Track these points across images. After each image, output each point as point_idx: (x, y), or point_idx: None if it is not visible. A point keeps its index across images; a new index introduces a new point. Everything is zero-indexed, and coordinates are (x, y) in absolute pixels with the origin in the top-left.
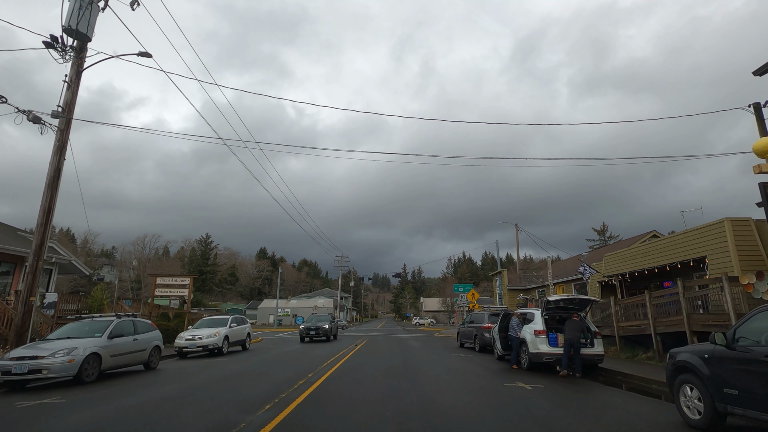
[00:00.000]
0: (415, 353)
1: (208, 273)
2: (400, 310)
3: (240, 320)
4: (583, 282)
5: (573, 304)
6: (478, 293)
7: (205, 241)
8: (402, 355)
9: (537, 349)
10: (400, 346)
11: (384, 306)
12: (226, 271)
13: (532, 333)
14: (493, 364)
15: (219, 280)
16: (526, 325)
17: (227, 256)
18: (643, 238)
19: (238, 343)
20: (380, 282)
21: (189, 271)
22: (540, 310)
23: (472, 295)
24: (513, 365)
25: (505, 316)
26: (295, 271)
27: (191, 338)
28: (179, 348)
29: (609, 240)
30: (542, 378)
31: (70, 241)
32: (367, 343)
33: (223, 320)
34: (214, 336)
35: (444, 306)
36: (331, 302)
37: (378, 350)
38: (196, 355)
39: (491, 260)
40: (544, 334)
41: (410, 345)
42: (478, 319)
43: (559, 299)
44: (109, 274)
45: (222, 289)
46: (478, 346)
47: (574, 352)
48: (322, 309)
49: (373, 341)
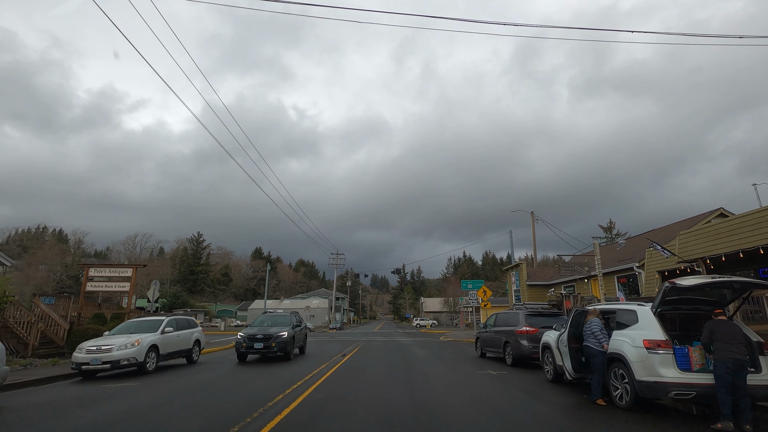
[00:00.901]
0: (426, 370)
1: (200, 273)
2: (399, 311)
3: (184, 323)
4: (634, 274)
5: (724, 290)
6: (490, 290)
7: (196, 239)
8: (407, 375)
9: (655, 376)
10: (403, 358)
11: (382, 307)
12: (219, 271)
13: (640, 345)
14: (553, 392)
15: (211, 280)
16: (620, 331)
17: (221, 256)
18: (706, 218)
19: (180, 354)
20: (379, 283)
21: (180, 272)
22: (653, 304)
23: (484, 293)
24: (597, 399)
25: (578, 314)
26: (291, 271)
27: (96, 349)
28: (77, 364)
29: (616, 237)
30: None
31: (59, 241)
32: (359, 352)
33: (155, 323)
34: (130, 346)
35: (446, 306)
36: (326, 303)
37: (372, 365)
38: (107, 375)
39: (492, 260)
40: (668, 347)
41: (415, 355)
42: (509, 321)
43: (703, 283)
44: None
45: (214, 290)
46: (510, 359)
47: (737, 384)
48: (317, 310)
49: (367, 348)
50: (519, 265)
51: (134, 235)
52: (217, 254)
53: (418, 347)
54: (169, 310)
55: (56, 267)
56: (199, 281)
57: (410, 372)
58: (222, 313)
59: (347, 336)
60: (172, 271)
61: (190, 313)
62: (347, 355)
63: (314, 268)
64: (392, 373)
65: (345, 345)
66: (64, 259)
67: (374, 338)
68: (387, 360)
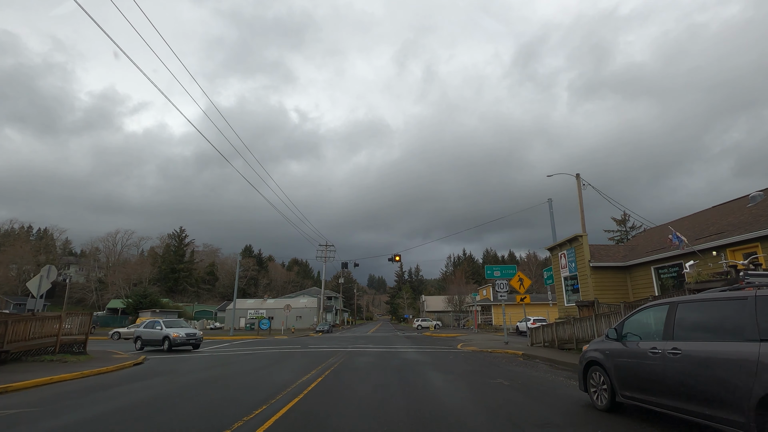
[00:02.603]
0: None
1: (182, 271)
2: (397, 312)
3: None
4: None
5: None
6: (528, 279)
7: (178, 235)
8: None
9: None
10: (420, 420)
11: (380, 308)
12: (205, 269)
13: None
14: None
15: (195, 279)
16: None
17: (207, 254)
18: None
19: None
20: (376, 283)
21: (160, 270)
22: None
23: (520, 282)
24: None
25: None
26: (284, 270)
27: None
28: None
29: (631, 231)
30: None
31: (38, 239)
32: (318, 390)
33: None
34: None
35: (450, 305)
36: (316, 302)
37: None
38: None
39: (493, 258)
40: None
41: (446, 404)
42: (720, 320)
43: None
44: (77, 274)
45: (197, 289)
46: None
47: None
48: (304, 310)
49: (342, 375)
50: (578, 238)
51: (115, 232)
52: (203, 252)
53: (436, 370)
54: (134, 312)
55: (27, 266)
56: (180, 280)
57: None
58: (201, 314)
59: (331, 342)
60: (151, 269)
61: (158, 315)
62: (289, 405)
63: (308, 267)
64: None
65: (310, 364)
66: (36, 258)
67: (365, 347)
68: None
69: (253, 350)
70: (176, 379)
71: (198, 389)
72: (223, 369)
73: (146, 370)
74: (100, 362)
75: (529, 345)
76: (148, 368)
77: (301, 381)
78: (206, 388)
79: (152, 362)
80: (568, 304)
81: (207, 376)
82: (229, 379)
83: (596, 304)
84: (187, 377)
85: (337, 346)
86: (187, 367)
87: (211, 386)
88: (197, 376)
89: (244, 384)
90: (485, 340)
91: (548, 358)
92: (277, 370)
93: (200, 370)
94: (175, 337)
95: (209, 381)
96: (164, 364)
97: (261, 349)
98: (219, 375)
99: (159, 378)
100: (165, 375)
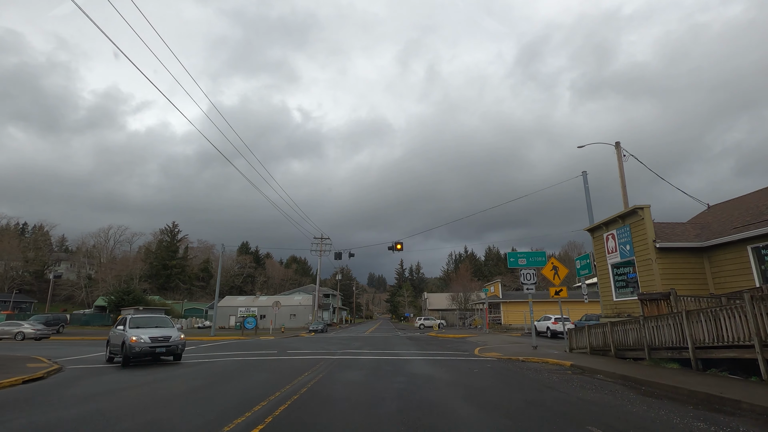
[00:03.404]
0: None
1: (174, 268)
2: (398, 310)
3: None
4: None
5: None
6: (564, 267)
7: (170, 230)
8: None
9: None
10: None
11: (380, 306)
12: (199, 266)
13: None
14: None
15: (188, 276)
16: None
17: (202, 250)
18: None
19: None
20: (376, 282)
21: (152, 266)
22: None
23: (554, 272)
24: None
25: None
26: (282, 268)
27: None
28: None
29: None
30: None
31: (21, 233)
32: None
33: None
34: None
35: (455, 303)
36: (311, 299)
37: None
38: None
39: (495, 255)
40: None
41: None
42: None
43: None
44: (68, 271)
45: (190, 287)
46: None
47: None
48: (299, 308)
49: (302, 419)
50: (636, 212)
51: (107, 227)
52: (197, 248)
53: (469, 403)
54: (116, 309)
55: (16, 263)
56: (173, 277)
57: None
58: (190, 312)
59: (319, 346)
60: (142, 266)
61: (141, 313)
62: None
63: (306, 264)
64: None
65: (265, 387)
66: (25, 254)
67: (358, 353)
68: None
69: (209, 359)
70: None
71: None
72: (80, 409)
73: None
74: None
75: (568, 351)
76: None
77: (254, 413)
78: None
79: (38, 387)
80: (620, 299)
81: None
82: (224, 379)
83: (674, 297)
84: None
85: (324, 352)
86: (56, 397)
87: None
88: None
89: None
90: (504, 343)
91: (619, 374)
92: (194, 407)
93: (50, 408)
94: (133, 342)
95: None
96: (40, 391)
97: (221, 357)
98: (238, 368)
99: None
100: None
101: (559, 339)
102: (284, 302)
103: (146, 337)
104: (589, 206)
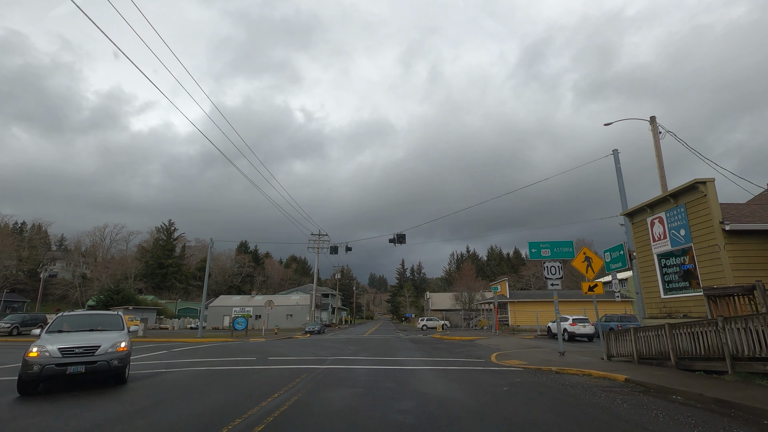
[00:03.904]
0: None
1: (170, 267)
2: (399, 310)
3: None
4: None
5: None
6: (599, 258)
7: (167, 229)
8: None
9: None
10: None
11: (380, 306)
12: (196, 265)
13: None
14: None
15: (185, 275)
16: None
17: (200, 249)
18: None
19: None
20: (377, 282)
21: (147, 265)
22: None
23: (587, 264)
24: None
25: None
26: (281, 267)
27: None
28: None
29: None
30: None
31: (15, 232)
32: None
33: None
34: None
35: (459, 303)
36: (308, 299)
37: None
38: None
39: (498, 255)
40: None
41: None
42: None
43: None
44: (64, 270)
45: (187, 286)
46: None
47: None
48: (296, 308)
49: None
50: (697, 187)
51: (103, 226)
52: (195, 247)
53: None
54: (105, 308)
55: (9, 261)
56: (169, 276)
57: None
58: (184, 311)
59: (309, 351)
60: (138, 265)
61: (132, 311)
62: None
63: (306, 264)
64: None
65: (229, 411)
66: (19, 253)
67: (353, 361)
68: None
69: (167, 368)
70: None
71: None
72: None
73: None
74: None
75: (605, 358)
76: None
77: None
78: None
79: None
80: (670, 296)
81: None
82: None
83: (761, 291)
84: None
85: (313, 360)
86: None
87: None
88: None
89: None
90: (521, 348)
91: (709, 397)
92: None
93: None
94: (30, 358)
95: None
96: None
97: (184, 367)
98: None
99: None
100: None
101: (577, 342)
102: (281, 302)
103: (53, 348)
104: (621, 189)
